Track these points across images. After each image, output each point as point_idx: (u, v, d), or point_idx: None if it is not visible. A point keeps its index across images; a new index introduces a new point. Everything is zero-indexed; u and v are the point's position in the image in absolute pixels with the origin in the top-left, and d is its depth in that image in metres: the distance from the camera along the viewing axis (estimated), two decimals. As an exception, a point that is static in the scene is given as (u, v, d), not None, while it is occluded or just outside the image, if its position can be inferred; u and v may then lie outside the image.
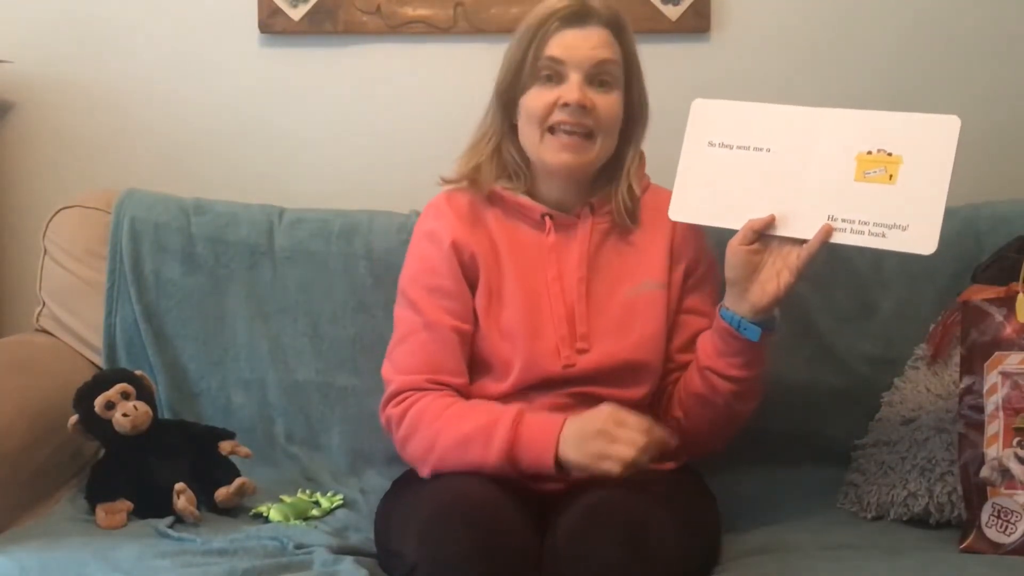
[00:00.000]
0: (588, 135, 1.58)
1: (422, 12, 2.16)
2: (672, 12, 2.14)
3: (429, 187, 1.74)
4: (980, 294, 1.62)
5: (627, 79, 1.61)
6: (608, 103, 1.58)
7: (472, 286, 1.62)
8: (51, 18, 2.19)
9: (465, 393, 1.60)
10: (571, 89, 1.55)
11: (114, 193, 2.03)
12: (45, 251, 2.02)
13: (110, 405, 1.72)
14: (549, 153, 1.58)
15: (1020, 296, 1.57)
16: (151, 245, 1.97)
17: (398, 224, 1.99)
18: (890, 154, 1.46)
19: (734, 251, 1.50)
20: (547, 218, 1.63)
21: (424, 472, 1.54)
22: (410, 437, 1.55)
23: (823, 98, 1.55)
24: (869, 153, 1.47)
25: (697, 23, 2.15)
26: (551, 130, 1.58)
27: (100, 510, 1.67)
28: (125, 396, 1.73)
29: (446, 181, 1.68)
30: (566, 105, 1.55)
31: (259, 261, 1.98)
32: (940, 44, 2.17)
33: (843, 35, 2.17)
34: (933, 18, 2.17)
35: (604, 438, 1.43)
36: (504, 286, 1.61)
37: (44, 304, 2.03)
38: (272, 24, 2.16)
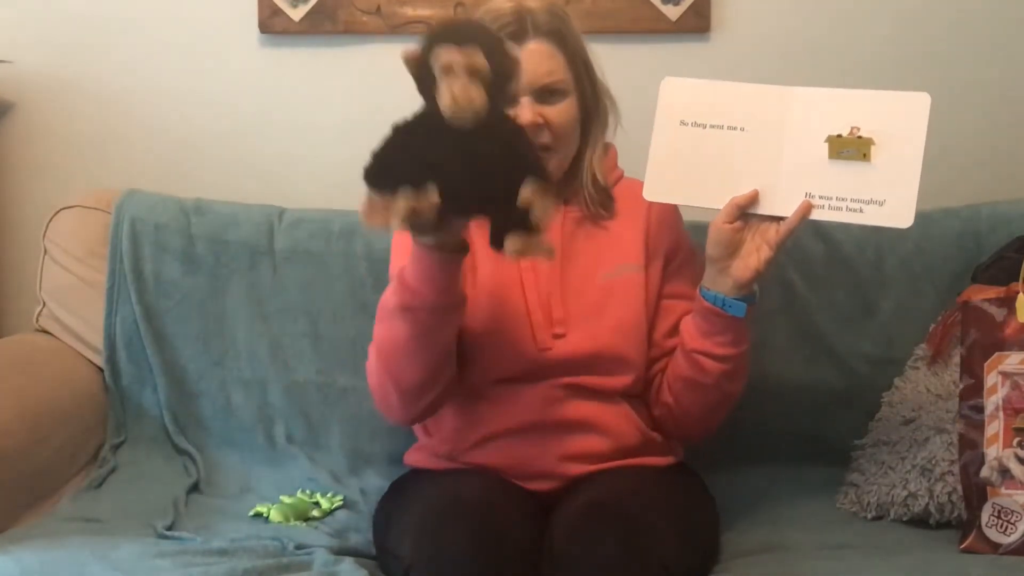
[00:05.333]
0: (546, 147, 1.58)
1: (422, 12, 2.16)
2: (672, 12, 2.14)
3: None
4: (980, 294, 1.62)
5: (576, 79, 1.61)
6: (560, 112, 1.58)
7: None
8: (51, 18, 2.19)
9: None
10: (523, 112, 1.55)
11: (114, 193, 2.03)
12: (45, 251, 2.03)
13: (448, 70, 1.31)
14: None
15: (1020, 296, 1.57)
16: (151, 245, 1.97)
17: (398, 224, 1.99)
18: (861, 134, 1.47)
19: (718, 229, 1.51)
20: None
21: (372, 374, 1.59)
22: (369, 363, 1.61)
23: (823, 98, 1.55)
24: (839, 136, 1.48)
25: (697, 23, 2.15)
26: None
27: (366, 201, 1.35)
28: (471, 73, 1.31)
29: None
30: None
31: (259, 261, 1.98)
32: (941, 44, 2.17)
33: (842, 35, 2.17)
34: (933, 18, 2.17)
35: None
36: (477, 278, 1.61)
37: (44, 304, 2.03)
38: (272, 24, 2.16)
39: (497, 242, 1.36)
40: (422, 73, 1.35)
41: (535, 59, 1.57)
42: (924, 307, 1.91)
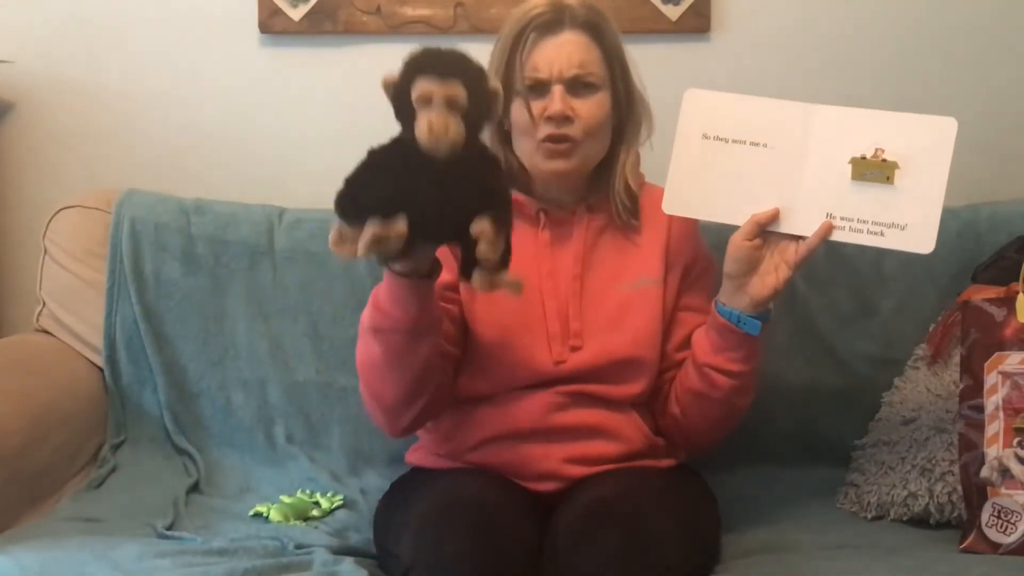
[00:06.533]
0: (571, 140, 1.57)
1: (422, 12, 2.16)
2: (672, 12, 2.14)
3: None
4: (980, 294, 1.62)
5: (610, 77, 1.60)
6: (591, 107, 1.57)
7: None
8: (51, 18, 2.18)
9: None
10: (554, 102, 1.54)
11: (114, 193, 2.03)
12: (45, 251, 2.03)
13: (427, 100, 1.30)
14: (542, 161, 1.58)
15: (1020, 296, 1.57)
16: (151, 245, 1.98)
17: (398, 224, 1.99)
18: (886, 156, 1.47)
19: (737, 246, 1.51)
20: (541, 214, 1.63)
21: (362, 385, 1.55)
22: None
23: (823, 99, 1.55)
24: (864, 157, 1.47)
25: (697, 23, 2.15)
26: (541, 139, 1.57)
27: (336, 230, 1.33)
28: (450, 104, 1.29)
29: None
30: (551, 118, 1.55)
31: (259, 261, 1.98)
32: (940, 44, 2.17)
33: (843, 35, 2.17)
34: (933, 18, 2.17)
35: None
36: None
37: (44, 304, 2.03)
38: (272, 24, 2.16)
39: (466, 274, 1.35)
40: (400, 99, 1.33)
41: (569, 49, 1.56)
42: (924, 307, 1.91)
